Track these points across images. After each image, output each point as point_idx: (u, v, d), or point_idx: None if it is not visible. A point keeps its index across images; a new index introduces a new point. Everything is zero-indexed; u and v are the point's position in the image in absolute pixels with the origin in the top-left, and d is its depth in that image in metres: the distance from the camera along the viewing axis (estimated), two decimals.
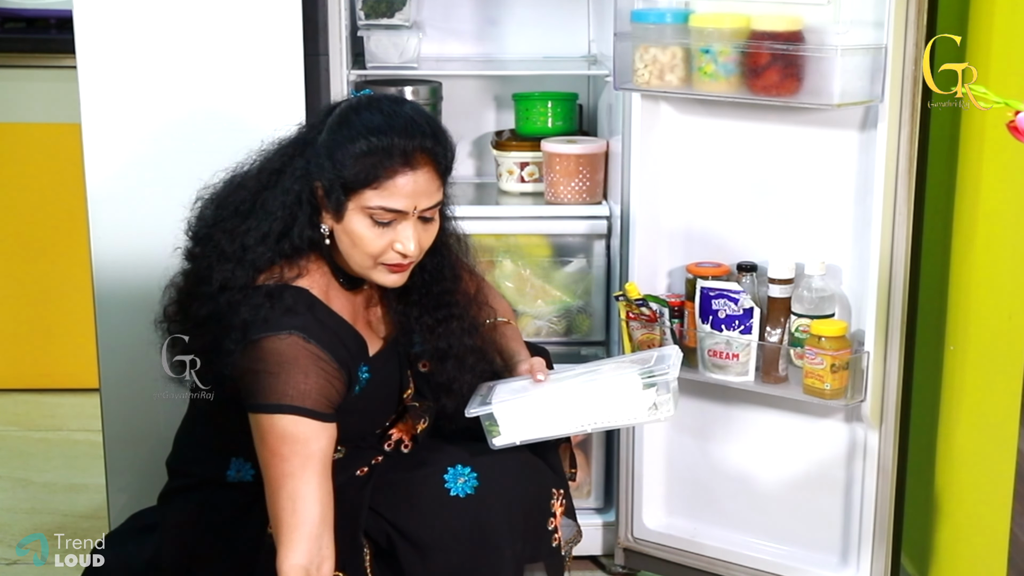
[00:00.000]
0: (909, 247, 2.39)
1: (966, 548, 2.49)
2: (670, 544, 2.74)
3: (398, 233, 1.96)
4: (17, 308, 3.87)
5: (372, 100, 2.00)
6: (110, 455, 2.71)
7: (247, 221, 1.99)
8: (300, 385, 1.91)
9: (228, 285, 1.95)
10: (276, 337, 1.91)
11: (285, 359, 1.91)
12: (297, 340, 1.91)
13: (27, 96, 3.74)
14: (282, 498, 1.90)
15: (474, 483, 2.03)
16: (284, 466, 1.90)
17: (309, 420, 1.91)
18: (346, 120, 1.96)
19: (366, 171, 1.92)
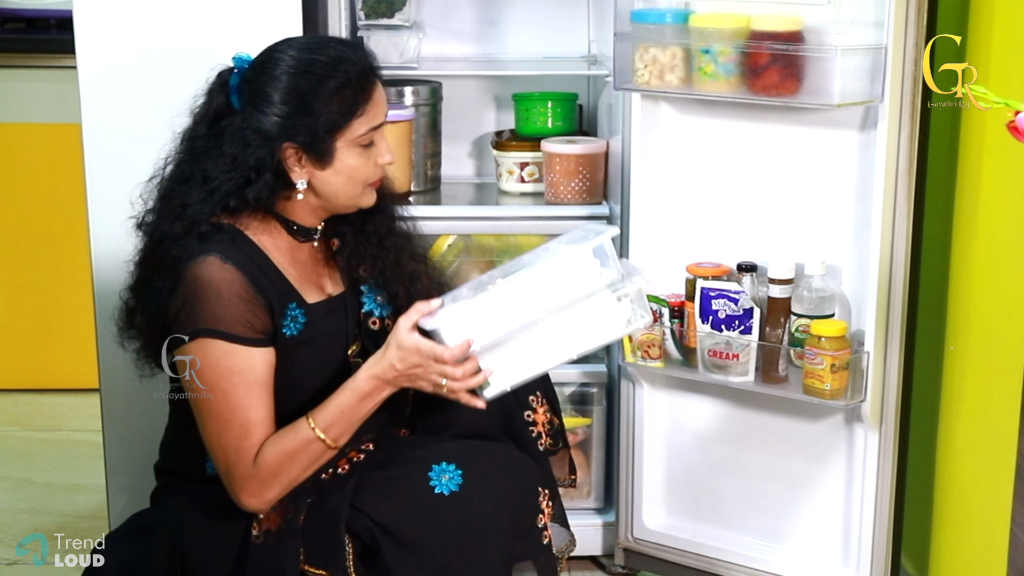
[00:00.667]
0: (909, 247, 2.39)
1: (966, 548, 2.49)
2: (670, 544, 2.75)
3: (378, 148, 2.05)
4: (17, 308, 3.87)
5: (281, 50, 2.02)
6: (110, 455, 2.71)
7: (183, 187, 2.03)
8: (216, 309, 1.95)
9: (165, 237, 2.00)
10: (194, 263, 1.96)
11: (202, 282, 1.95)
12: (214, 260, 1.96)
13: (27, 96, 3.74)
14: (232, 432, 1.94)
15: (459, 480, 2.02)
16: (228, 400, 1.95)
17: (237, 346, 1.95)
18: (282, 78, 1.98)
19: (349, 104, 1.99)
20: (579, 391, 2.89)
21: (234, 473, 1.96)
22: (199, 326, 1.95)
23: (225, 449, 1.96)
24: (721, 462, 2.70)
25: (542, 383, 2.27)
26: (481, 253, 2.89)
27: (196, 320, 1.95)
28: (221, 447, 1.97)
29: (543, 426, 2.25)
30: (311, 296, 2.09)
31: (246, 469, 1.95)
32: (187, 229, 1.99)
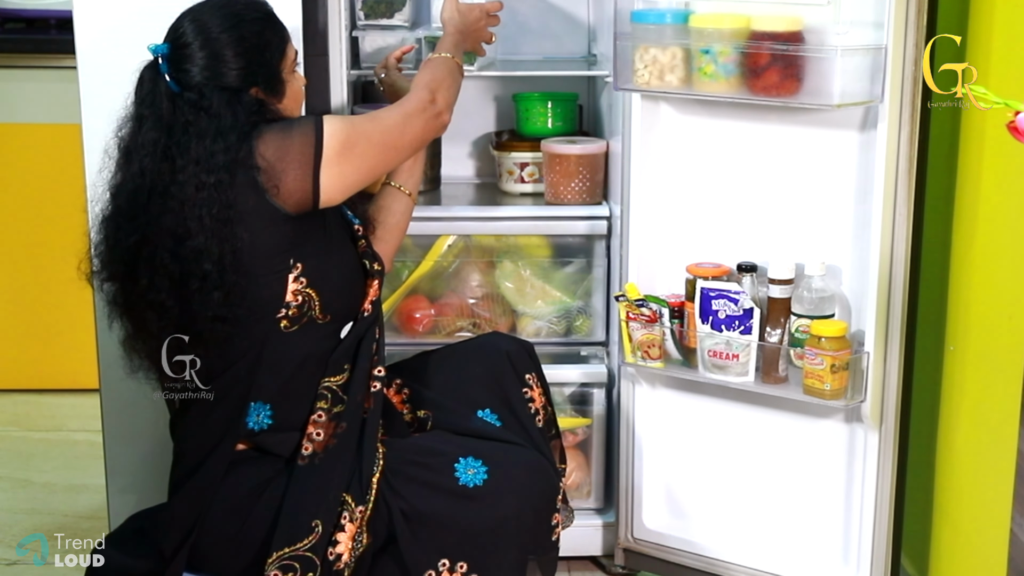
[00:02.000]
0: (909, 247, 2.39)
1: (966, 548, 2.49)
2: (670, 544, 2.75)
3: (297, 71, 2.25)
4: (17, 308, 3.87)
5: (200, 12, 2.12)
6: (110, 455, 2.71)
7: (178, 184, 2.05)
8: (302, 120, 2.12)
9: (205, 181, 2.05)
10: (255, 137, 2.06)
11: (276, 130, 2.08)
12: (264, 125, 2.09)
13: (27, 96, 3.74)
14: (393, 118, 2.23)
15: (484, 475, 2.10)
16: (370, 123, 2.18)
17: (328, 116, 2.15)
18: (232, 27, 2.09)
19: (280, 32, 2.16)
20: (579, 391, 2.89)
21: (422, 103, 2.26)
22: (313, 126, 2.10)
23: (404, 111, 2.24)
24: (721, 462, 2.70)
25: (535, 367, 2.40)
26: (481, 253, 2.90)
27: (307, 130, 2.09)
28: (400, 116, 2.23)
29: (540, 407, 2.35)
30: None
31: (423, 94, 2.27)
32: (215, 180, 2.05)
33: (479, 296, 2.92)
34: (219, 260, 2.01)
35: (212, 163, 2.02)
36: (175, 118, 2.06)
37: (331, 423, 2.10)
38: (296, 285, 2.08)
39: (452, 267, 2.90)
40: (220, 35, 2.08)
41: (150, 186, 2.05)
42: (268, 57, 2.13)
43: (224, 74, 2.08)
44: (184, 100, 2.06)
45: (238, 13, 2.11)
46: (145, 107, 2.09)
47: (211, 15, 2.10)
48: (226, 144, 2.03)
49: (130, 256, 2.07)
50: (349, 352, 2.16)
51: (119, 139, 2.12)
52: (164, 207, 2.04)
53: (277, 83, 2.16)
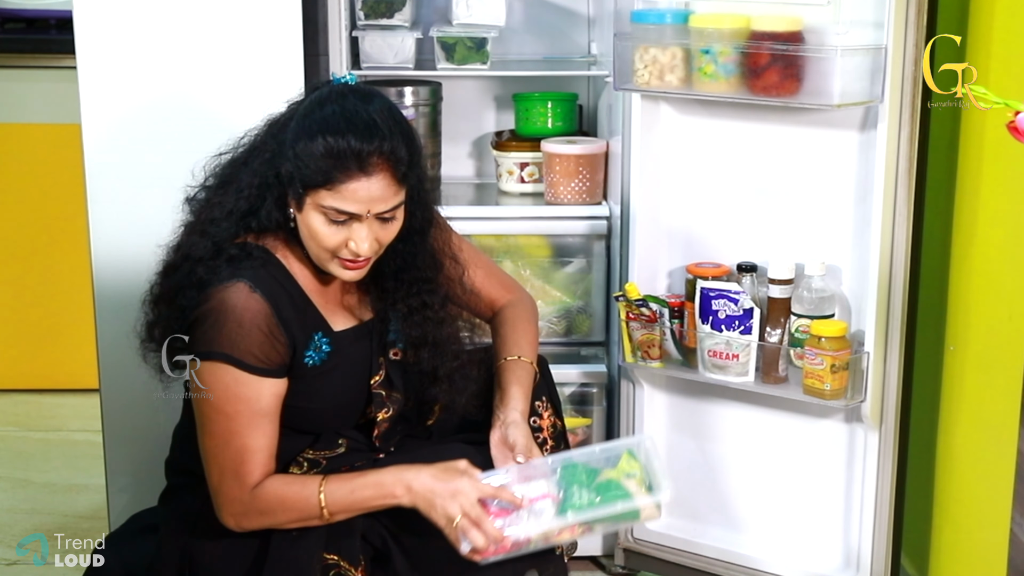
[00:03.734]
0: (909, 247, 2.39)
1: (966, 548, 2.49)
2: (670, 544, 2.74)
3: (353, 232, 1.96)
4: (17, 308, 3.87)
5: (339, 94, 1.98)
6: (110, 455, 2.71)
7: (219, 193, 2.02)
8: (233, 335, 1.94)
9: (191, 255, 1.99)
10: (222, 286, 1.94)
11: (225, 307, 1.94)
12: (242, 287, 1.94)
13: (27, 96, 3.74)
14: (231, 454, 1.95)
15: None
16: (230, 424, 1.95)
17: (248, 375, 1.94)
18: (310, 113, 1.96)
19: (322, 172, 1.91)
20: (579, 391, 2.88)
21: (225, 491, 1.97)
22: (214, 348, 1.94)
23: (221, 468, 1.97)
24: (721, 462, 2.70)
25: (547, 386, 2.27)
26: None
27: (212, 342, 1.94)
28: (217, 464, 1.97)
29: (548, 431, 2.25)
30: (338, 322, 2.08)
31: (239, 492, 1.96)
32: (215, 251, 1.98)
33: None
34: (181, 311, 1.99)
35: (221, 213, 2.01)
36: (266, 139, 2.02)
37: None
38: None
39: None
40: (315, 105, 1.96)
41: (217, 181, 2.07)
42: (297, 168, 1.93)
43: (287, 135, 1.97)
44: (284, 123, 1.99)
45: (334, 116, 1.93)
46: (289, 106, 2.04)
47: (321, 98, 1.97)
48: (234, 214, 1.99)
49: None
50: (345, 424, 2.10)
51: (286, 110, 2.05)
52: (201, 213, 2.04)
53: (297, 195, 1.96)
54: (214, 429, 1.97)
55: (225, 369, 1.94)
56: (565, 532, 2.01)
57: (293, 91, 2.54)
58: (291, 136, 1.95)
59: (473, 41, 2.79)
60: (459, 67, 2.82)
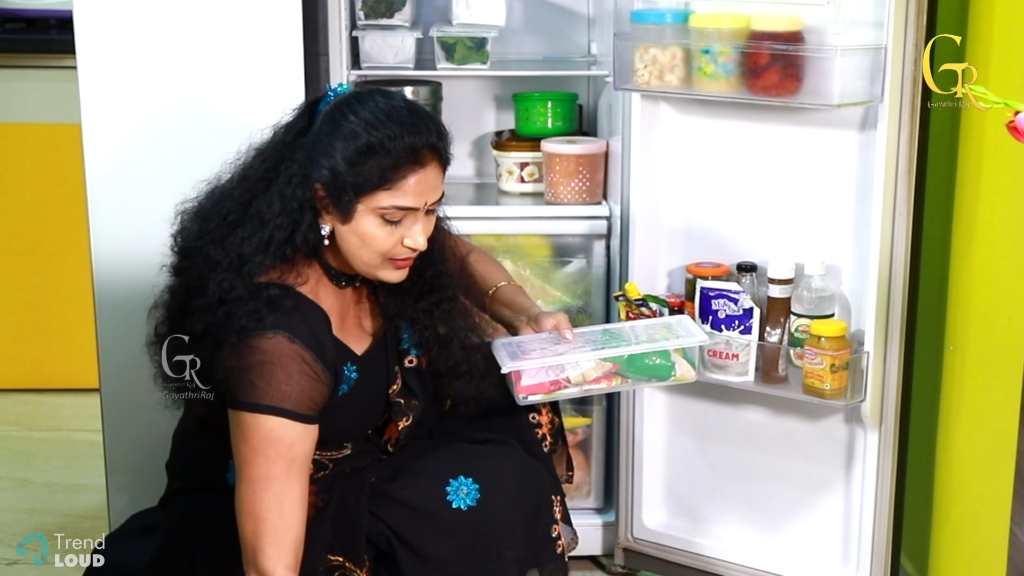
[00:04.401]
0: (909, 247, 2.39)
1: (966, 548, 2.49)
2: (670, 544, 2.75)
3: (408, 229, 1.96)
4: (17, 308, 3.87)
5: (365, 95, 1.97)
6: (110, 455, 2.71)
7: (239, 230, 1.96)
8: (283, 386, 1.91)
9: (226, 297, 1.93)
10: (262, 337, 1.91)
11: (270, 359, 1.90)
12: (282, 340, 1.91)
13: (27, 96, 3.74)
14: (267, 500, 1.89)
15: (476, 495, 2.03)
16: (270, 468, 1.90)
17: (294, 422, 1.91)
18: (337, 121, 1.93)
19: (378, 172, 1.91)
20: None
21: (262, 552, 1.89)
22: (263, 401, 1.90)
23: (258, 520, 1.90)
24: (721, 462, 2.70)
25: None
26: None
27: (260, 395, 1.90)
28: (253, 515, 1.91)
29: (546, 427, 2.26)
30: (358, 345, 2.08)
31: (278, 561, 1.89)
32: (252, 292, 1.93)
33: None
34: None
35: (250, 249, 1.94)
36: (283, 151, 1.97)
37: (312, 488, 2.00)
38: None
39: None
40: (341, 117, 1.93)
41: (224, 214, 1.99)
42: (345, 172, 1.91)
43: (311, 148, 1.94)
44: (295, 143, 1.96)
45: (371, 117, 1.92)
46: (284, 127, 2.00)
47: (367, 101, 1.94)
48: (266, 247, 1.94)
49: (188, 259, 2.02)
50: (360, 435, 2.11)
51: (272, 131, 2.03)
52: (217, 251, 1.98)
53: (343, 203, 1.93)
54: (252, 473, 1.91)
55: (274, 420, 1.91)
56: (602, 380, 2.09)
57: (294, 91, 2.56)
58: (324, 149, 1.92)
59: (473, 41, 2.79)
60: (459, 67, 2.82)
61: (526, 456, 2.16)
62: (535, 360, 2.10)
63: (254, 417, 1.90)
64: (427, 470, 2.08)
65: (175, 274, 2.04)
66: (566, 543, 2.18)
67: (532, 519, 2.08)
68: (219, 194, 2.03)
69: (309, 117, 1.99)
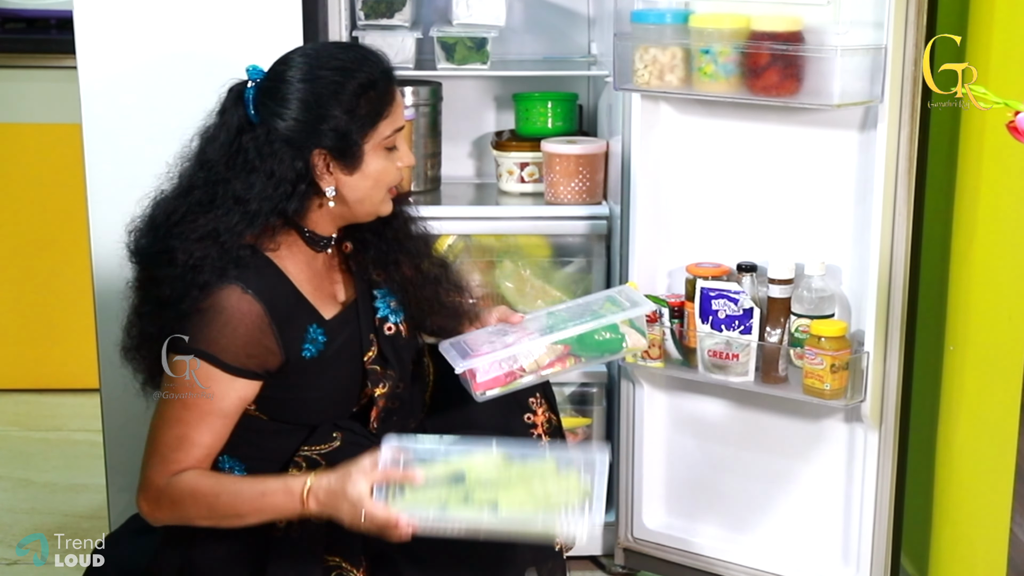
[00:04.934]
0: (909, 247, 2.39)
1: (966, 548, 2.49)
2: (670, 544, 2.75)
3: (399, 151, 2.05)
4: (17, 308, 3.87)
5: (308, 54, 2.01)
6: (110, 455, 2.71)
7: (209, 215, 1.98)
8: (219, 334, 1.95)
9: (199, 264, 1.96)
10: (219, 289, 1.95)
11: (217, 306, 1.95)
12: (235, 290, 1.95)
13: (27, 96, 3.74)
14: (169, 438, 1.96)
15: None
16: (184, 411, 1.95)
17: (220, 371, 1.95)
18: (316, 79, 1.96)
19: (375, 107, 1.99)
20: (579, 391, 2.89)
21: (148, 473, 1.97)
22: (194, 345, 1.95)
23: (155, 447, 1.98)
24: (721, 462, 2.70)
25: (540, 386, 2.27)
26: (481, 253, 2.89)
27: (196, 339, 1.95)
28: (152, 446, 1.98)
29: (542, 426, 2.26)
30: (328, 310, 2.08)
31: (160, 477, 1.96)
32: (223, 253, 1.96)
33: (479, 296, 2.91)
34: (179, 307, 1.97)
35: (230, 222, 1.96)
36: (234, 150, 1.98)
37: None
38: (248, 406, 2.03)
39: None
40: (299, 82, 1.96)
41: (183, 214, 2.00)
42: (343, 123, 1.96)
43: (286, 122, 1.96)
44: (251, 135, 1.97)
45: (333, 67, 1.97)
46: (218, 126, 2.01)
47: (313, 58, 1.99)
48: (250, 219, 1.96)
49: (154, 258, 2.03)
50: (342, 411, 2.10)
51: (201, 139, 2.04)
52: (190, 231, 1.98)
53: (351, 153, 1.98)
54: (165, 414, 1.98)
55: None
56: (556, 363, 2.10)
57: None
58: (316, 114, 1.95)
59: (473, 41, 2.79)
60: (459, 67, 2.82)
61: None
62: (487, 356, 2.11)
63: (182, 360, 1.95)
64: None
65: (140, 286, 2.06)
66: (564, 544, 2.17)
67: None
68: (168, 202, 2.04)
69: (242, 108, 2.00)
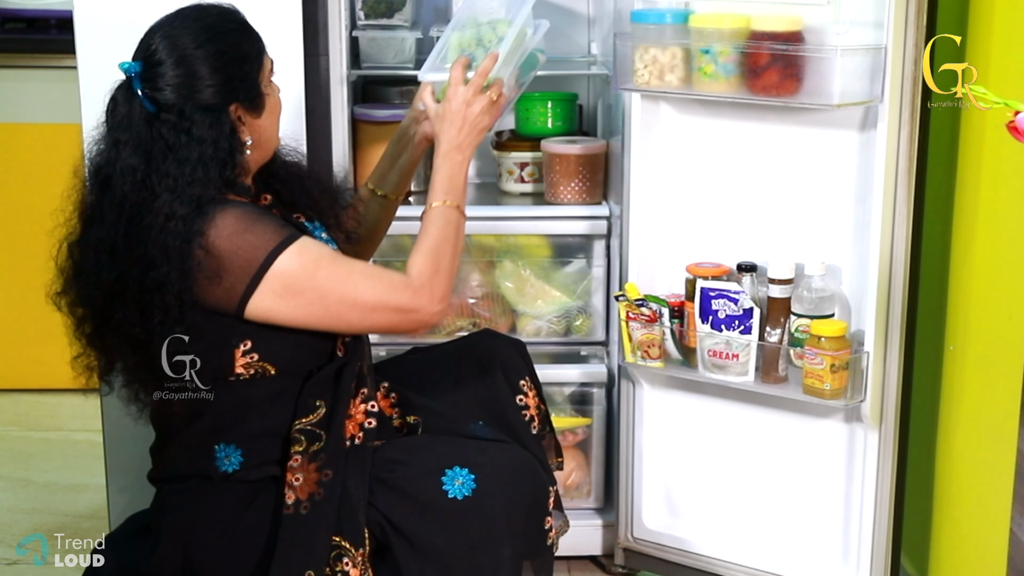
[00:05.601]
0: (909, 247, 2.39)
1: (966, 548, 2.49)
2: (670, 544, 2.75)
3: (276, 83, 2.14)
4: (17, 308, 3.87)
5: (167, 27, 2.02)
6: (110, 455, 2.71)
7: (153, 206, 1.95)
8: (272, 223, 1.98)
9: (172, 214, 1.94)
10: (214, 219, 1.94)
11: (240, 218, 1.96)
12: (229, 206, 1.97)
13: (27, 96, 3.74)
14: (359, 284, 2.00)
15: (472, 485, 2.03)
16: (333, 269, 1.98)
17: (308, 238, 2.00)
18: (200, 46, 1.99)
19: (256, 46, 2.07)
20: (579, 391, 2.89)
21: (402, 304, 2.02)
22: (275, 244, 1.95)
23: (378, 296, 2.01)
24: (721, 462, 2.70)
25: (528, 369, 2.34)
26: (481, 253, 2.90)
27: (268, 243, 1.95)
28: (372, 299, 2.01)
29: (534, 410, 2.30)
30: None
31: (407, 291, 2.03)
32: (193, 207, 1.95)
33: (479, 296, 2.92)
34: (179, 295, 1.92)
35: (187, 193, 1.94)
36: (153, 141, 1.97)
37: (311, 464, 2.02)
38: (246, 359, 2.02)
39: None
40: (196, 50, 1.98)
41: (128, 217, 1.96)
42: (247, 70, 2.03)
43: (203, 91, 1.97)
44: (162, 121, 1.97)
45: (212, 26, 2.02)
46: (121, 131, 1.98)
47: (183, 29, 2.00)
48: (205, 176, 1.95)
49: (107, 289, 1.97)
50: (322, 389, 2.07)
51: (93, 164, 2.02)
52: (137, 238, 1.95)
53: (256, 97, 2.05)
54: (339, 289, 1.99)
55: (302, 242, 1.97)
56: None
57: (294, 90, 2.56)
58: (225, 74, 2.00)
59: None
60: None
61: (522, 451, 2.17)
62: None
63: (287, 256, 1.95)
64: (422, 461, 2.09)
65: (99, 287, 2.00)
66: (557, 530, 2.19)
67: (527, 512, 2.09)
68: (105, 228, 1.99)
69: (129, 100, 2.00)
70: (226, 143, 1.99)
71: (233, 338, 2.00)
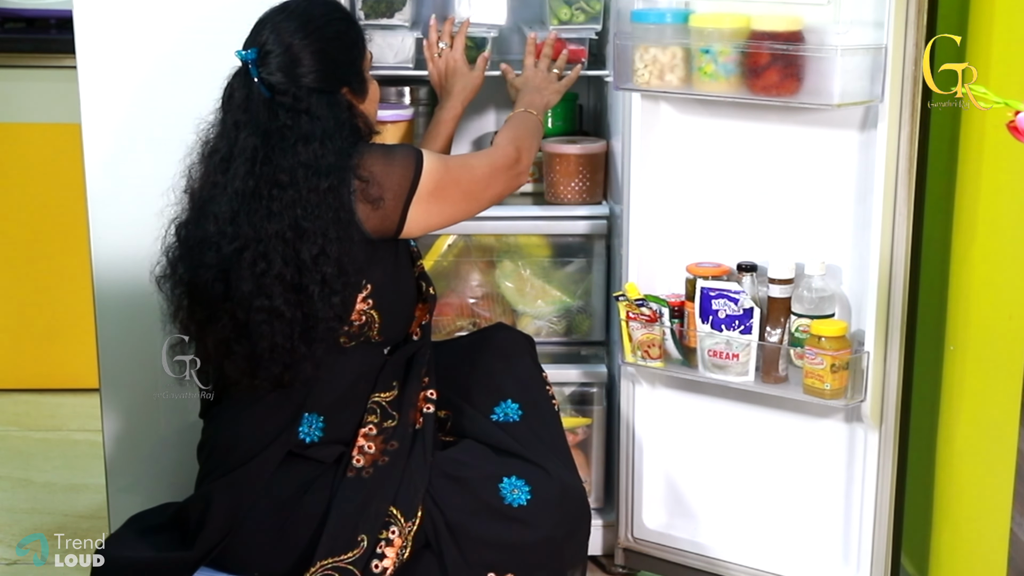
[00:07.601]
0: (909, 247, 2.39)
1: (966, 548, 2.49)
2: (670, 544, 2.75)
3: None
4: (17, 308, 3.87)
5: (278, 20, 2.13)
6: (110, 455, 2.71)
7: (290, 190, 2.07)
8: (401, 146, 2.20)
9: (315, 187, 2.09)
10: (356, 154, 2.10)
11: (378, 149, 2.14)
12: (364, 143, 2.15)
13: (27, 96, 3.74)
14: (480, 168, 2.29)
15: (527, 496, 2.13)
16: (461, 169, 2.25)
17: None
18: (316, 30, 2.12)
19: (360, 34, 2.22)
20: (579, 391, 2.89)
21: (508, 161, 2.33)
22: (415, 157, 2.15)
23: (492, 163, 2.31)
24: (721, 462, 2.70)
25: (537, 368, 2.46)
26: (481, 253, 2.90)
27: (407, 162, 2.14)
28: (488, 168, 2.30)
29: (551, 389, 2.42)
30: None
31: (506, 149, 2.34)
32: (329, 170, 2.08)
33: (479, 296, 2.92)
34: (338, 262, 2.04)
35: (322, 165, 2.05)
36: (272, 123, 2.07)
37: (380, 437, 2.14)
38: (363, 305, 2.12)
39: (452, 267, 2.90)
40: (305, 39, 2.11)
41: (252, 191, 2.04)
42: (355, 56, 2.19)
43: (314, 74, 2.10)
44: (279, 104, 2.08)
45: (321, 15, 2.14)
46: (240, 112, 2.09)
47: (291, 19, 2.12)
48: (336, 147, 2.07)
49: (226, 262, 2.04)
50: (398, 371, 2.21)
51: (210, 146, 2.12)
52: (268, 212, 2.03)
53: (362, 83, 2.20)
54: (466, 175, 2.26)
55: (428, 157, 2.17)
56: None
57: None
58: (335, 59, 2.13)
59: (473, 41, 2.79)
60: None
61: (572, 478, 2.27)
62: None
63: (427, 161, 2.16)
64: (484, 465, 2.19)
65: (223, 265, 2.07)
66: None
67: (574, 533, 2.22)
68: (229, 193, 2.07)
69: (247, 85, 2.10)
70: (346, 115, 2.12)
71: (355, 284, 2.09)
